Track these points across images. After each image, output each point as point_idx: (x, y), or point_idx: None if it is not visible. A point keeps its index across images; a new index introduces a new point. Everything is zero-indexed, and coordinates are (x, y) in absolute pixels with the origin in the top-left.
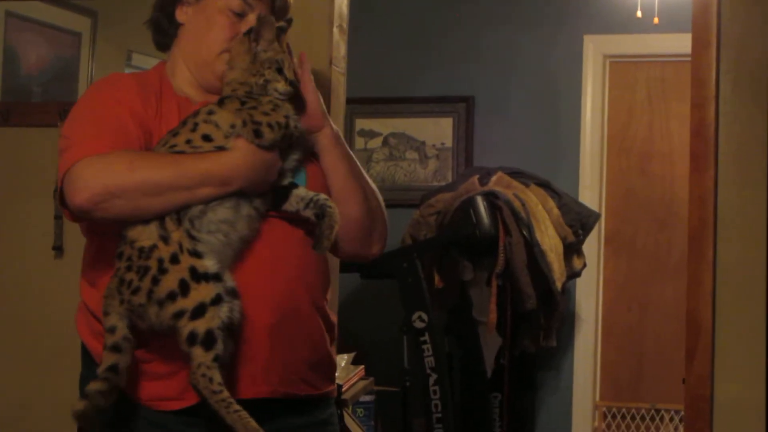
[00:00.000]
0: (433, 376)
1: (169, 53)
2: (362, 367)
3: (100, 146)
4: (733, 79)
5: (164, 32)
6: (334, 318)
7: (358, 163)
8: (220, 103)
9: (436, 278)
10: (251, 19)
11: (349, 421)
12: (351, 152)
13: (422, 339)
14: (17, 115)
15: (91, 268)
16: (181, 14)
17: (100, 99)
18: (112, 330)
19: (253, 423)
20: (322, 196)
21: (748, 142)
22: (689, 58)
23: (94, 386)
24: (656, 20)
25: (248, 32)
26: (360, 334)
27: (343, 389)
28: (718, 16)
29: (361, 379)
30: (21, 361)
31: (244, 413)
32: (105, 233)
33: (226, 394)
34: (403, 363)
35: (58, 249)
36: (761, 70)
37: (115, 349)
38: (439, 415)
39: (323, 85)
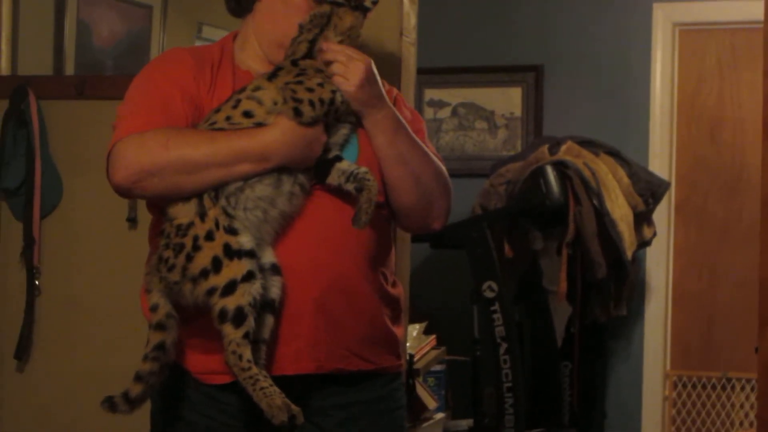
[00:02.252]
0: (504, 346)
1: (242, 24)
2: (433, 336)
3: (143, 124)
4: None
5: (240, 1)
6: (397, 292)
7: (414, 141)
8: (273, 75)
9: (506, 248)
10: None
11: (420, 390)
12: (404, 131)
13: (492, 308)
14: (91, 88)
15: (152, 244)
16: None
17: (151, 76)
18: (154, 308)
19: (277, 401)
20: (363, 169)
21: None
22: (761, 25)
23: (145, 367)
24: None
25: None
26: (431, 303)
27: (415, 359)
28: None
29: (433, 348)
30: (94, 333)
31: (270, 390)
32: (162, 208)
33: (254, 370)
34: (474, 332)
35: (132, 221)
36: None
37: (160, 327)
38: (510, 384)
39: (393, 57)
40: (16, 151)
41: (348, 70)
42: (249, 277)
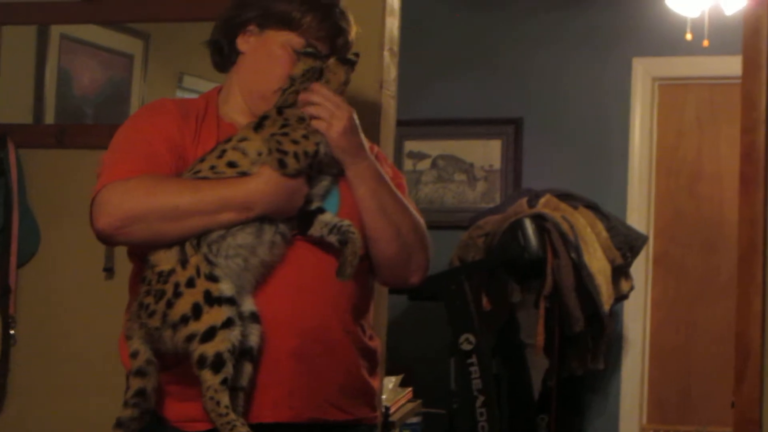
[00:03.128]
0: (481, 398)
1: (226, 78)
2: (410, 389)
3: (127, 171)
4: None
5: (223, 55)
6: (374, 344)
7: (395, 193)
8: (259, 125)
9: (484, 300)
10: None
11: None
12: (385, 183)
13: (470, 361)
14: (71, 136)
15: (132, 292)
16: (243, 43)
17: (136, 125)
18: (134, 354)
19: None
20: (346, 222)
21: None
22: (739, 81)
23: (125, 414)
24: (706, 43)
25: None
26: (407, 355)
27: (391, 411)
28: None
29: (409, 401)
30: (70, 383)
31: None
32: (143, 257)
33: (232, 416)
34: (450, 385)
35: (109, 270)
36: None
37: (140, 373)
38: None
39: (373, 109)
40: None
41: (333, 116)
42: (228, 323)
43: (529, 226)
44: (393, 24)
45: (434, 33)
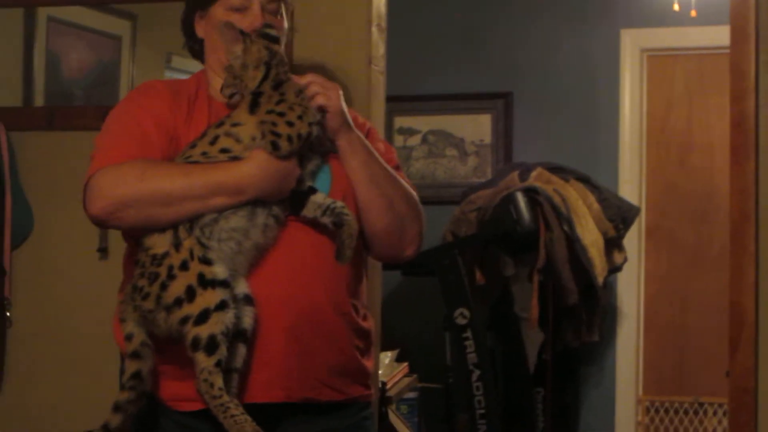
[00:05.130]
0: (476, 372)
1: (205, 63)
2: (406, 364)
3: (119, 156)
4: None
5: (193, 45)
6: (368, 324)
7: (385, 166)
8: (254, 104)
9: (478, 274)
10: (255, 10)
11: (393, 418)
12: (375, 155)
13: (464, 335)
14: (60, 118)
15: (126, 273)
16: (200, 30)
17: (127, 109)
18: (129, 337)
19: (248, 428)
20: (339, 203)
21: None
22: (728, 51)
23: (123, 396)
24: (694, 13)
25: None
26: (402, 331)
27: (387, 387)
28: (756, 8)
29: (405, 376)
30: (64, 364)
31: (241, 417)
32: (138, 239)
33: (226, 398)
34: (446, 359)
35: (103, 251)
36: None
37: (136, 355)
38: (483, 410)
39: (362, 85)
40: None
41: (327, 88)
42: (222, 306)
43: (521, 200)
44: (380, 0)
45: (422, 8)
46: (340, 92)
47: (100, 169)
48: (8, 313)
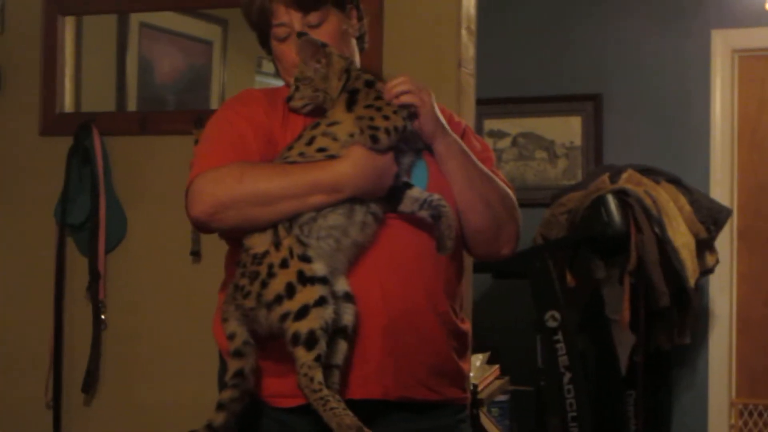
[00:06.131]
0: (568, 375)
1: None
2: (497, 366)
3: (217, 160)
4: None
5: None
6: (465, 327)
7: (481, 167)
8: (352, 102)
9: (568, 277)
10: (292, 39)
11: (485, 420)
12: (471, 157)
13: (555, 338)
14: (153, 123)
15: (227, 274)
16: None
17: (225, 116)
18: (232, 336)
19: (347, 420)
20: (436, 195)
21: None
22: None
23: (226, 395)
24: None
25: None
26: (494, 333)
27: (479, 389)
28: None
29: (496, 378)
30: (158, 366)
31: (340, 410)
32: (239, 239)
33: (325, 392)
34: (537, 362)
35: (196, 254)
36: None
37: (238, 354)
38: (574, 413)
39: (452, 87)
40: (81, 187)
41: (421, 91)
42: (321, 302)
43: (611, 202)
44: (469, 2)
45: (511, 9)
46: (432, 95)
47: (199, 174)
48: (103, 316)
